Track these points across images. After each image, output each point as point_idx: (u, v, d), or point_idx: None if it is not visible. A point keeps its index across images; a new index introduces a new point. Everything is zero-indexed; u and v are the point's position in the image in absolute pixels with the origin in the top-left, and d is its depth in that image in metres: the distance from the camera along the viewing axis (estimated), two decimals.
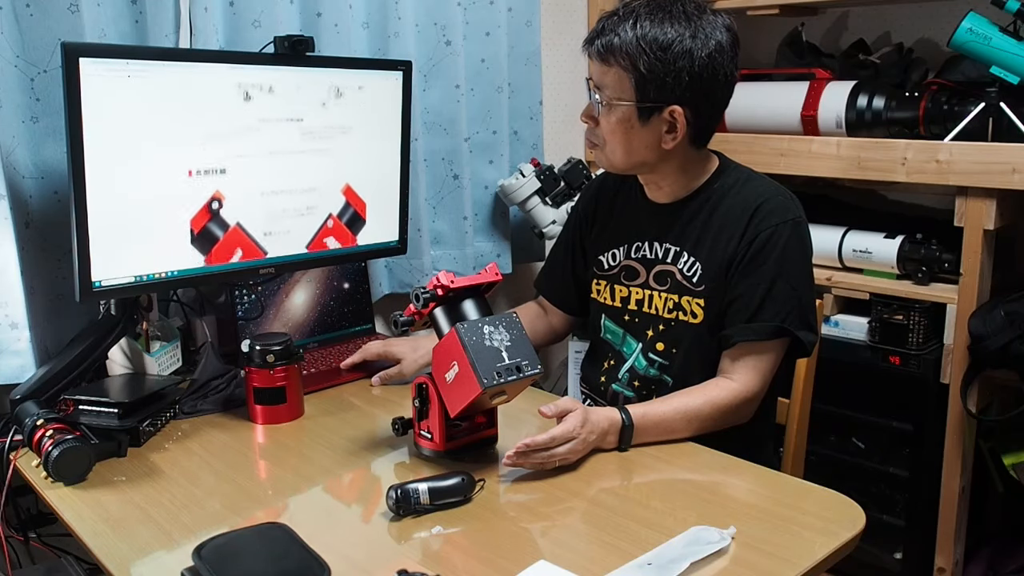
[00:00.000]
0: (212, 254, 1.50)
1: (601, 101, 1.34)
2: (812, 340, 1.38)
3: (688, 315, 1.40)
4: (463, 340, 1.17)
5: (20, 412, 1.31)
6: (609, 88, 1.33)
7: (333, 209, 1.67)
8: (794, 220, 1.36)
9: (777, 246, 1.34)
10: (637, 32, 1.29)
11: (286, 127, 1.56)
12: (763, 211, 1.35)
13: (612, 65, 1.31)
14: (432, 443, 1.26)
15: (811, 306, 1.39)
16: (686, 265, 1.41)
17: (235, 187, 1.51)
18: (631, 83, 1.31)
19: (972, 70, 1.89)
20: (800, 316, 1.35)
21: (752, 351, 1.35)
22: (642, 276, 1.46)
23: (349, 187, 1.68)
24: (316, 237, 1.65)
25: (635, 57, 1.29)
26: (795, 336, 1.34)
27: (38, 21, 1.47)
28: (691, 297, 1.40)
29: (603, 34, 1.32)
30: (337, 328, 1.88)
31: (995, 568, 2.04)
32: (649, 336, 1.45)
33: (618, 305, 1.49)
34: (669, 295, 1.42)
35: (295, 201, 1.61)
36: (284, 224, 1.60)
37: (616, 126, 1.34)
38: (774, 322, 1.33)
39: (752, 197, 1.38)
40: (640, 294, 1.46)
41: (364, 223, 1.73)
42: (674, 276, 1.42)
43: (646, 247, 1.46)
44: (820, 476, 1.21)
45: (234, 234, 1.52)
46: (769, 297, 1.34)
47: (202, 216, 1.47)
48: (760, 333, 1.34)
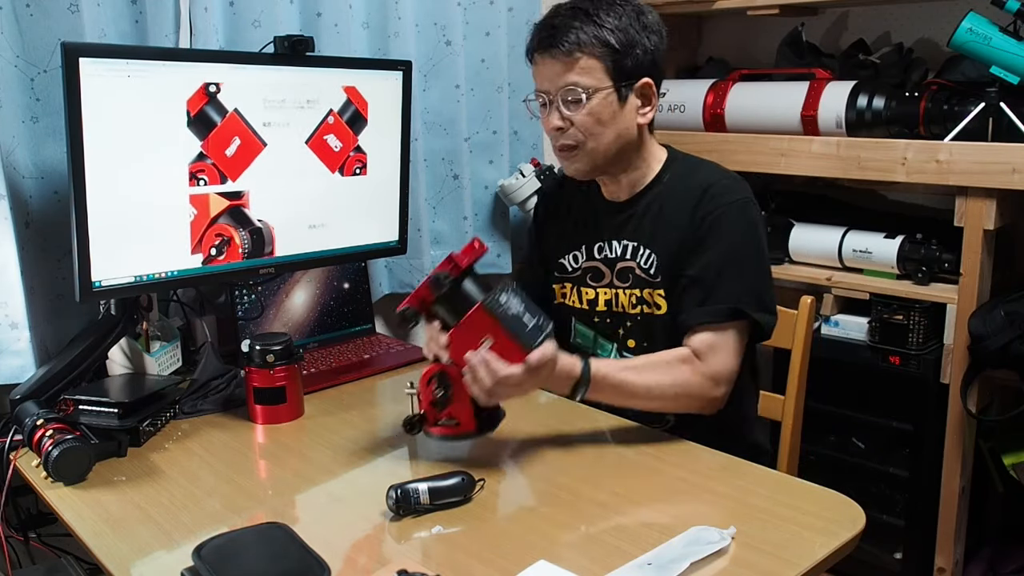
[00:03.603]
0: (209, 139, 1.46)
1: (574, 99, 1.34)
2: (770, 321, 1.38)
3: (652, 307, 1.42)
4: (495, 313, 1.19)
5: (20, 412, 1.31)
6: (582, 81, 1.33)
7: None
8: (741, 201, 1.38)
9: (723, 228, 1.35)
10: (595, 20, 1.32)
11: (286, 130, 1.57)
12: (709, 195, 1.37)
13: (580, 58, 1.32)
14: (459, 427, 1.26)
15: (766, 287, 1.39)
16: (643, 259, 1.42)
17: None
18: (605, 67, 1.33)
19: (972, 70, 1.89)
20: (755, 297, 1.35)
21: (711, 334, 1.34)
22: (607, 276, 1.47)
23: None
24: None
25: (605, 41, 1.32)
26: (751, 318, 1.35)
27: (38, 21, 1.47)
28: (652, 289, 1.41)
29: (561, 33, 1.32)
30: (337, 328, 1.88)
31: (995, 568, 2.04)
32: (620, 334, 1.46)
33: (586, 308, 1.49)
34: (632, 291, 1.43)
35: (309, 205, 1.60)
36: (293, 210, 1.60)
37: (601, 115, 1.35)
38: (728, 303, 1.34)
39: (699, 183, 1.40)
40: (608, 294, 1.47)
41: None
42: (634, 271, 1.43)
43: (607, 247, 1.47)
44: (820, 476, 1.20)
45: (231, 121, 1.49)
46: (720, 279, 1.34)
47: (198, 99, 1.44)
48: (715, 315, 1.34)
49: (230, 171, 1.50)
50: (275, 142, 1.55)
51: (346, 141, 1.66)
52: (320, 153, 1.62)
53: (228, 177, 1.50)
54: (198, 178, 1.46)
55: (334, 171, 1.66)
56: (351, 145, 1.67)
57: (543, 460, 1.26)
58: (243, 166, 1.52)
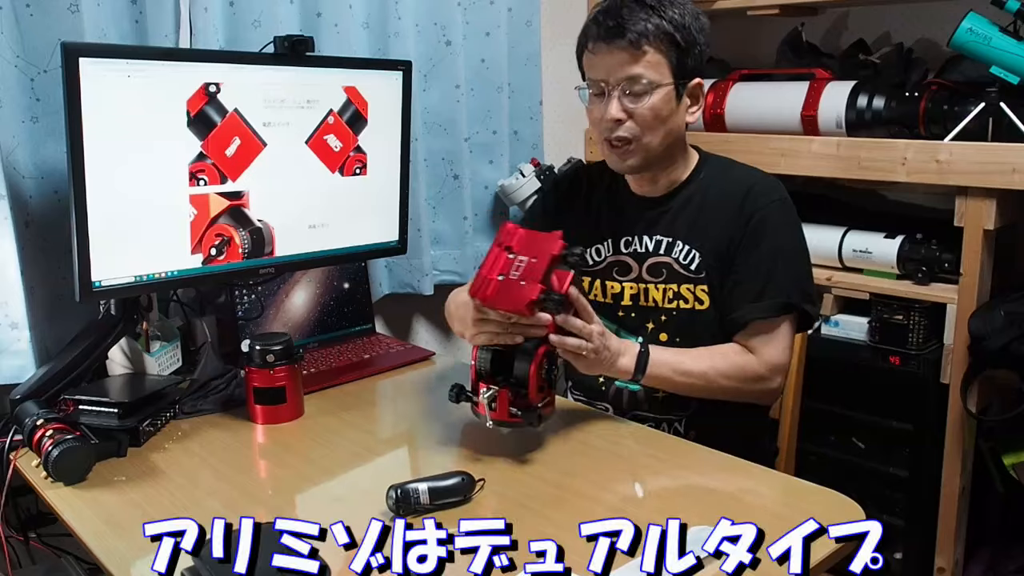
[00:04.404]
0: (209, 139, 1.46)
1: (637, 92, 1.34)
2: (816, 312, 1.44)
3: (691, 303, 1.42)
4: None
5: (20, 412, 1.31)
6: (647, 75, 1.33)
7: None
8: (782, 199, 1.42)
9: (771, 225, 1.39)
10: (661, 14, 1.33)
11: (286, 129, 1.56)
12: (754, 193, 1.40)
13: (647, 51, 1.33)
14: (551, 406, 1.29)
15: (810, 280, 1.44)
16: (682, 254, 1.43)
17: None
18: (669, 63, 1.35)
19: (972, 70, 1.89)
20: (802, 290, 1.40)
21: (765, 329, 1.38)
22: (635, 271, 1.47)
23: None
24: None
25: (671, 36, 1.33)
26: (801, 310, 1.39)
27: (38, 21, 1.47)
28: (692, 285, 1.42)
29: (629, 23, 1.32)
30: (337, 328, 1.88)
31: (995, 568, 2.04)
32: (650, 328, 1.46)
33: (609, 301, 1.49)
34: (667, 286, 1.44)
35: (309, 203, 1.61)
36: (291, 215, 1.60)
37: (661, 111, 1.36)
38: (781, 298, 1.37)
39: (740, 181, 1.43)
40: (634, 288, 1.47)
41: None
42: (670, 267, 1.44)
43: (636, 241, 1.47)
44: (820, 476, 1.20)
45: (231, 121, 1.49)
46: (772, 275, 1.38)
47: (198, 99, 1.44)
48: (769, 310, 1.37)
49: (230, 171, 1.50)
50: (275, 142, 1.55)
51: (346, 141, 1.66)
52: (320, 153, 1.62)
53: (228, 177, 1.50)
54: (198, 178, 1.46)
55: (334, 171, 1.66)
56: (351, 145, 1.67)
57: (543, 460, 1.26)
58: (243, 166, 1.52)
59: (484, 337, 1.26)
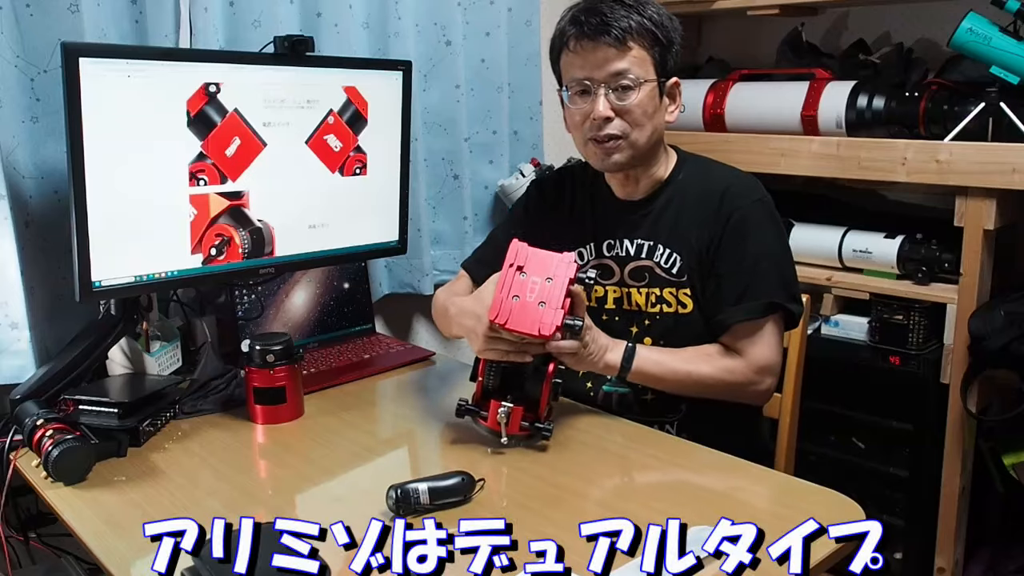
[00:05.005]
0: (209, 139, 1.46)
1: (624, 87, 1.34)
2: (800, 311, 1.42)
3: (675, 306, 1.42)
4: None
5: (20, 412, 1.31)
6: (634, 70, 1.34)
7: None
8: (761, 199, 1.41)
9: (751, 225, 1.38)
10: (639, 11, 1.33)
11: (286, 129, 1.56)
12: (731, 193, 1.40)
13: (632, 47, 1.33)
14: (529, 428, 1.29)
15: (793, 278, 1.42)
16: (663, 257, 1.42)
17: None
18: (653, 60, 1.35)
19: (972, 70, 1.89)
20: (785, 289, 1.39)
21: (751, 330, 1.37)
22: (617, 274, 1.47)
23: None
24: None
25: (653, 33, 1.34)
26: (785, 308, 1.38)
27: (38, 21, 1.47)
28: (674, 288, 1.42)
29: (612, 20, 1.32)
30: (337, 328, 1.88)
31: (995, 568, 2.04)
32: (634, 332, 1.45)
33: (593, 305, 1.48)
34: (649, 290, 1.44)
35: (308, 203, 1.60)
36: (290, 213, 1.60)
37: (647, 107, 1.36)
38: (764, 298, 1.36)
39: (718, 182, 1.42)
40: (617, 292, 1.47)
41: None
42: (652, 270, 1.43)
43: (618, 245, 1.46)
44: (820, 476, 1.20)
45: (231, 121, 1.49)
46: (754, 275, 1.37)
47: (198, 99, 1.44)
48: (753, 311, 1.36)
49: (230, 171, 1.50)
50: (275, 142, 1.55)
51: (346, 141, 1.66)
52: (320, 153, 1.62)
53: (228, 177, 1.50)
54: (198, 178, 1.46)
55: (334, 171, 1.66)
56: (351, 145, 1.67)
57: (543, 460, 1.26)
58: (243, 166, 1.52)
59: (494, 354, 1.27)
